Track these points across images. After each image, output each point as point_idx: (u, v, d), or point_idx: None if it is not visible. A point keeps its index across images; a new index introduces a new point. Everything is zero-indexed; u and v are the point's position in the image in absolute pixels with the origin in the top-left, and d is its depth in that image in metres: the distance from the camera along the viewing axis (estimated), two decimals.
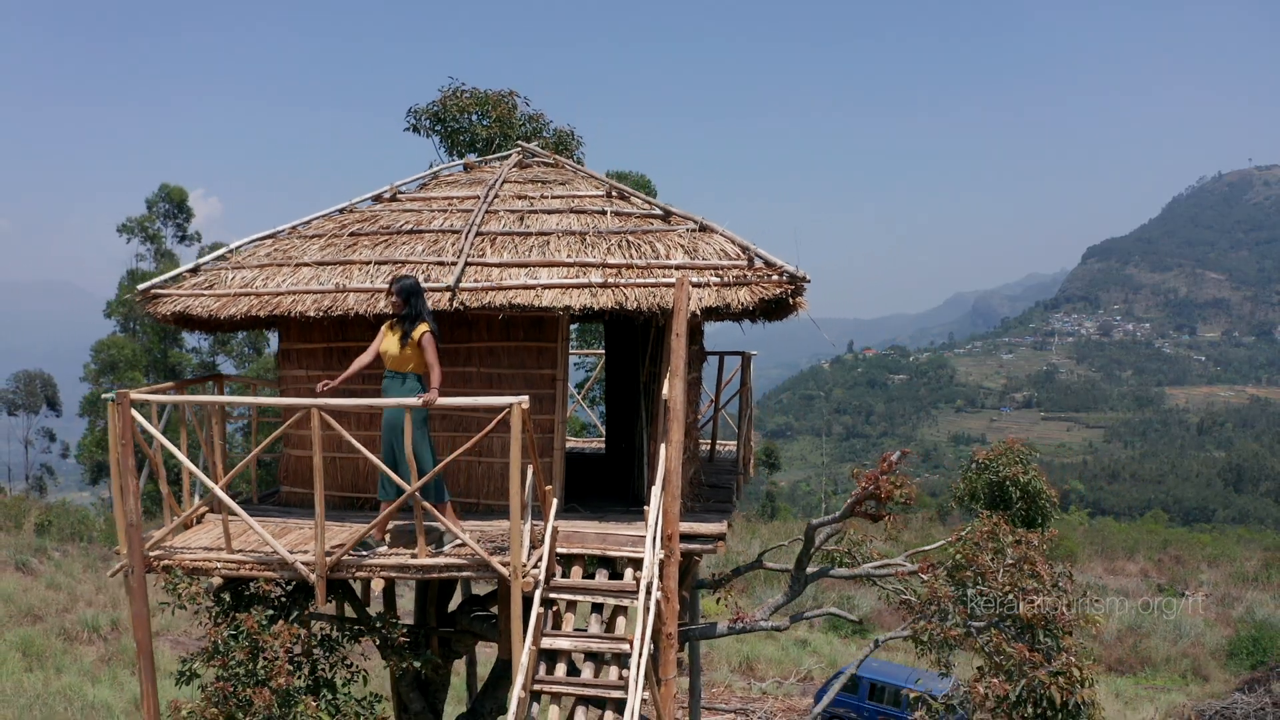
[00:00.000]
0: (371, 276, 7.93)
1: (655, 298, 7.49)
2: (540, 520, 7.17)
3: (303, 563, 6.84)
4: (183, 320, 8.29)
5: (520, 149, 10.19)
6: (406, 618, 9.31)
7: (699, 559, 8.69)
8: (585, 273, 7.71)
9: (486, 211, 8.56)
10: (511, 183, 9.27)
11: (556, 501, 7.42)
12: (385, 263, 8.07)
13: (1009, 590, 6.78)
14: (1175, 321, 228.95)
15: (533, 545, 6.99)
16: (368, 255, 8.21)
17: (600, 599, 6.91)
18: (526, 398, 6.60)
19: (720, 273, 7.66)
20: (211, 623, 7.02)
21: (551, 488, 7.39)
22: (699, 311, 7.45)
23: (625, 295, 7.51)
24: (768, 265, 7.66)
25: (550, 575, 6.93)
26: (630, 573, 7.08)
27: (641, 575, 6.67)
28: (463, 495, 8.24)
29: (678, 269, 7.62)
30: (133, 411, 6.83)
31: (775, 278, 7.58)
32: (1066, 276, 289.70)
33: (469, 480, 8.31)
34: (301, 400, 6.86)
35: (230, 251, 8.66)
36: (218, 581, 7.27)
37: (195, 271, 8.49)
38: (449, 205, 8.89)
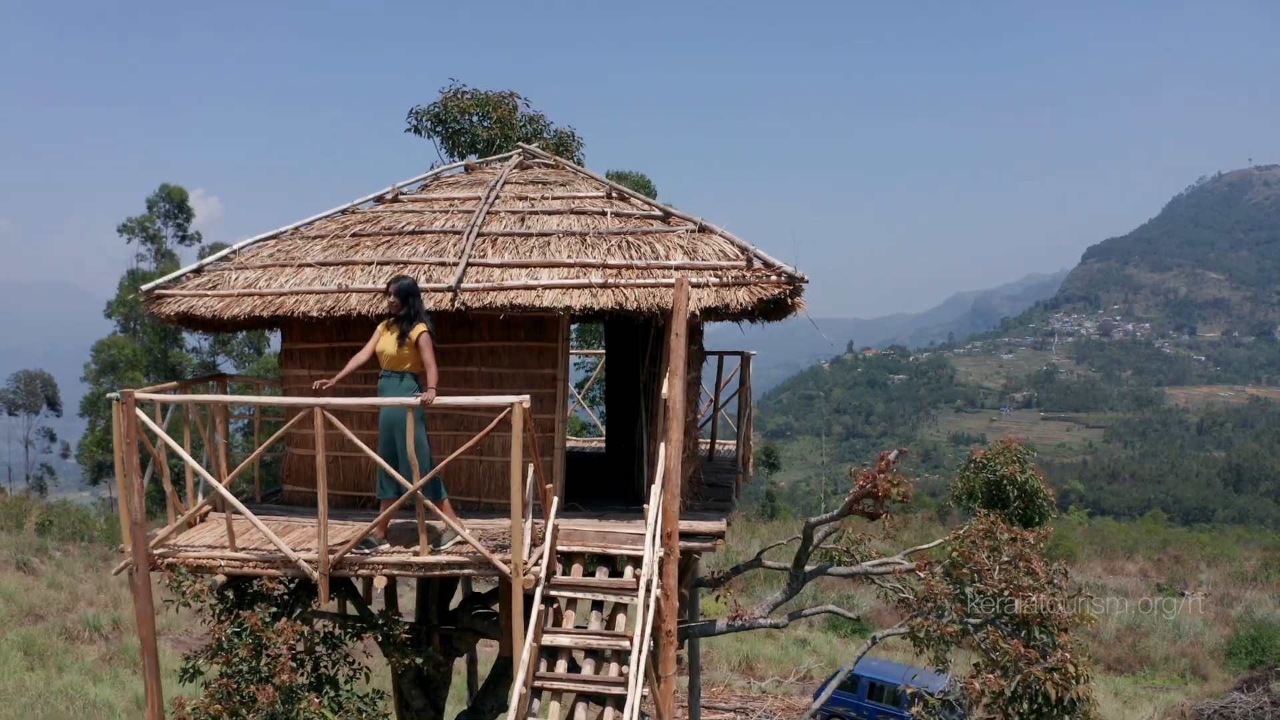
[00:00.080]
0: (374, 277, 7.98)
1: (655, 298, 7.55)
2: (541, 518, 7.23)
3: (306, 560, 6.90)
4: (186, 320, 8.35)
5: (521, 150, 10.23)
6: (408, 616, 9.36)
7: (698, 557, 8.74)
8: (585, 273, 7.76)
9: (488, 212, 8.61)
10: (512, 184, 9.32)
11: (557, 500, 7.48)
12: (387, 263, 8.11)
13: (1005, 587, 6.84)
14: (1175, 321, 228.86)
15: (534, 543, 7.04)
16: (370, 256, 8.27)
17: (600, 596, 6.95)
18: (527, 397, 6.65)
19: (719, 273, 7.71)
20: (215, 620, 7.08)
21: (552, 486, 7.44)
22: (698, 312, 7.49)
23: (625, 295, 7.57)
24: (766, 266, 7.70)
25: (551, 573, 6.98)
26: (630, 570, 7.12)
27: (641, 573, 6.71)
28: (464, 494, 8.30)
29: (677, 269, 7.67)
30: (137, 411, 6.89)
31: (774, 278, 7.63)
32: (1066, 276, 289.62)
33: (470, 479, 8.35)
34: (305, 400, 6.90)
35: (233, 252, 8.71)
36: (221, 579, 7.33)
37: (199, 272, 8.54)
38: (450, 206, 8.94)
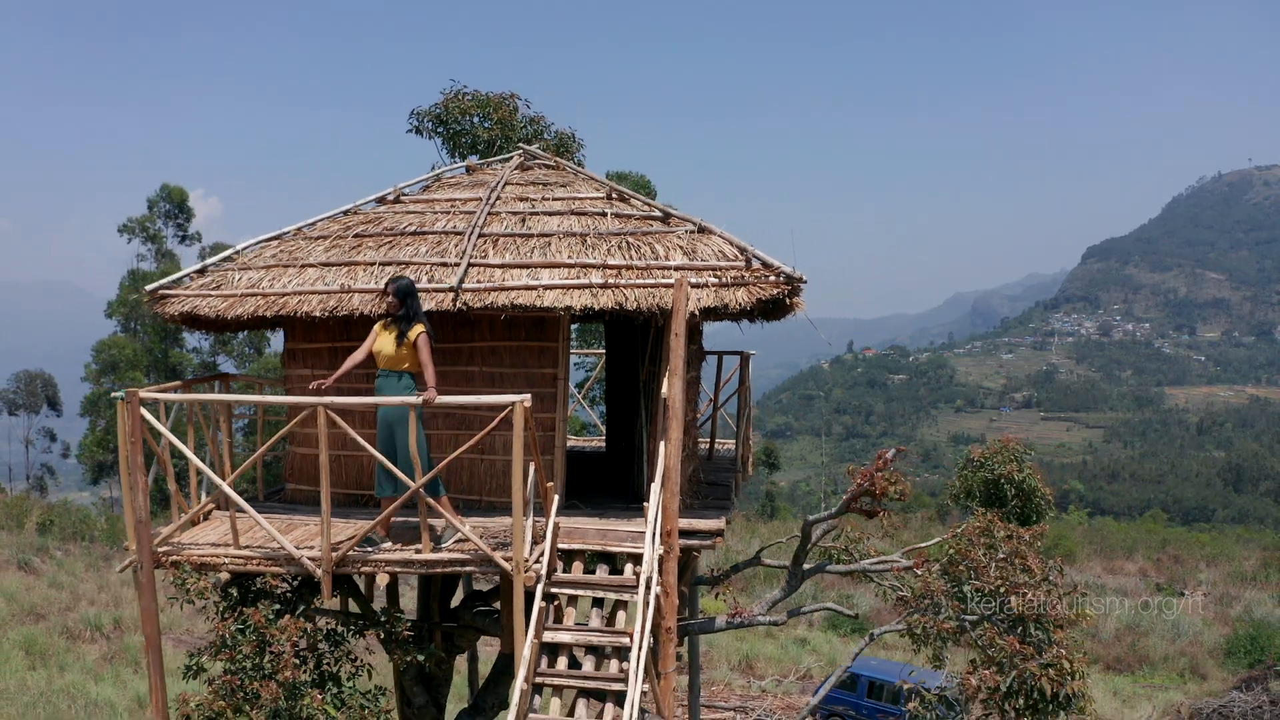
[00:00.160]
0: (376, 277, 8.03)
1: (654, 298, 7.60)
2: (542, 517, 7.28)
3: (309, 558, 6.96)
4: (190, 320, 8.40)
5: (522, 151, 10.28)
6: (409, 613, 9.42)
7: (697, 554, 8.79)
8: (586, 274, 7.81)
9: (489, 213, 8.67)
10: (513, 185, 9.37)
11: (558, 498, 7.53)
12: (389, 264, 8.17)
13: (1000, 584, 6.90)
14: (1175, 321, 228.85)
15: (534, 541, 7.10)
16: (372, 256, 8.33)
17: (601, 593, 7.00)
18: (529, 396, 6.70)
19: (718, 273, 7.76)
20: (219, 617, 7.14)
21: (553, 484, 7.49)
22: (697, 311, 7.55)
23: (625, 296, 7.62)
24: (765, 266, 7.76)
25: (552, 570, 7.03)
26: (630, 568, 7.16)
27: (641, 570, 6.78)
28: (465, 492, 8.36)
29: (676, 270, 7.73)
30: (142, 410, 6.95)
31: (772, 278, 7.68)
32: (1066, 276, 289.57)
33: (472, 477, 8.41)
34: (308, 399, 6.95)
35: (237, 253, 8.77)
36: (225, 577, 7.39)
37: (203, 272, 8.60)
38: (452, 207, 9.00)
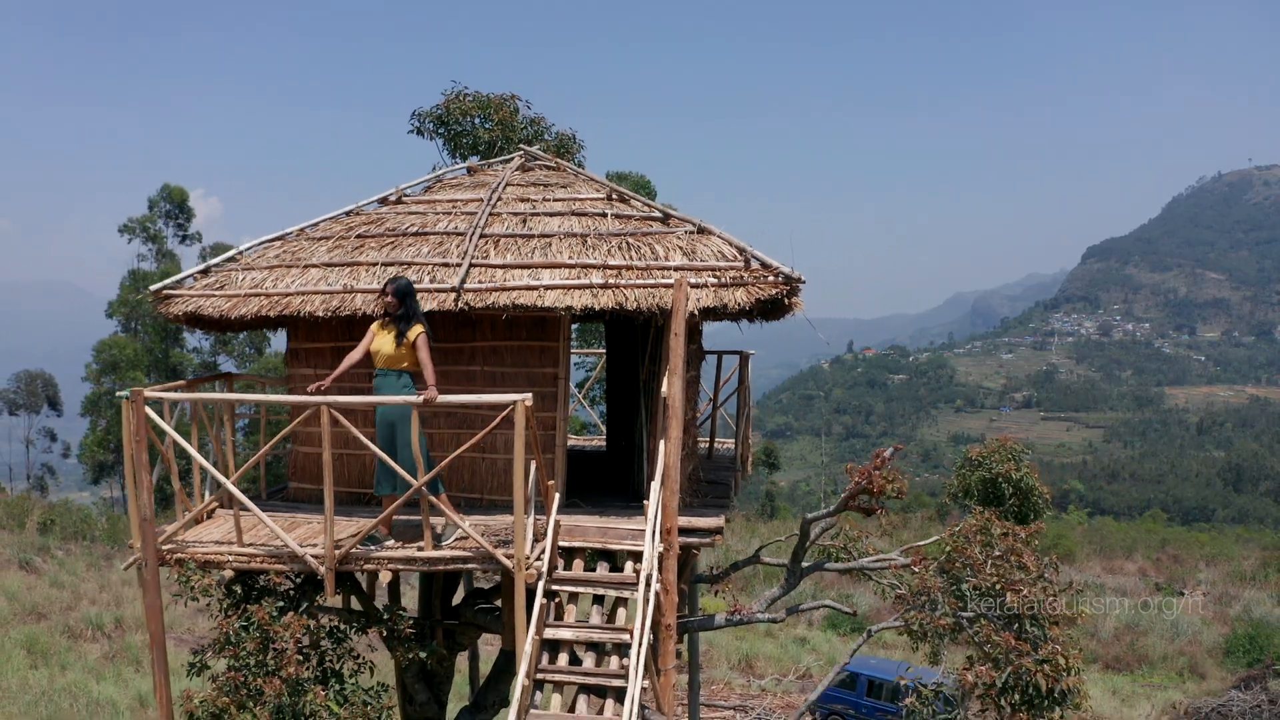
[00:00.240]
0: (379, 278, 8.08)
1: (654, 298, 7.66)
2: (543, 515, 7.34)
3: (312, 556, 7.01)
4: (194, 320, 8.47)
5: (523, 152, 10.33)
6: (411, 611, 9.47)
7: (697, 552, 8.85)
8: (586, 274, 7.87)
9: (490, 214, 8.73)
10: (514, 186, 9.43)
11: (558, 496, 7.58)
12: (392, 264, 8.23)
13: (997, 582, 6.96)
14: (1175, 321, 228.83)
15: (535, 539, 7.15)
16: (374, 257, 8.39)
17: (601, 591, 7.07)
18: (530, 395, 6.76)
19: (717, 274, 7.82)
20: (222, 614, 7.20)
21: (554, 483, 7.53)
22: (697, 312, 7.61)
23: (625, 296, 7.68)
24: (764, 266, 7.81)
25: (552, 568, 7.09)
26: (630, 565, 7.22)
27: (641, 568, 6.84)
28: (467, 490, 8.42)
29: (676, 270, 7.79)
30: (146, 409, 7.01)
31: (771, 279, 7.74)
32: (1066, 276, 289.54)
33: (473, 476, 8.47)
34: (312, 398, 7.00)
35: (240, 253, 8.83)
36: (229, 574, 7.46)
37: (206, 273, 8.66)
38: (453, 208, 9.06)
